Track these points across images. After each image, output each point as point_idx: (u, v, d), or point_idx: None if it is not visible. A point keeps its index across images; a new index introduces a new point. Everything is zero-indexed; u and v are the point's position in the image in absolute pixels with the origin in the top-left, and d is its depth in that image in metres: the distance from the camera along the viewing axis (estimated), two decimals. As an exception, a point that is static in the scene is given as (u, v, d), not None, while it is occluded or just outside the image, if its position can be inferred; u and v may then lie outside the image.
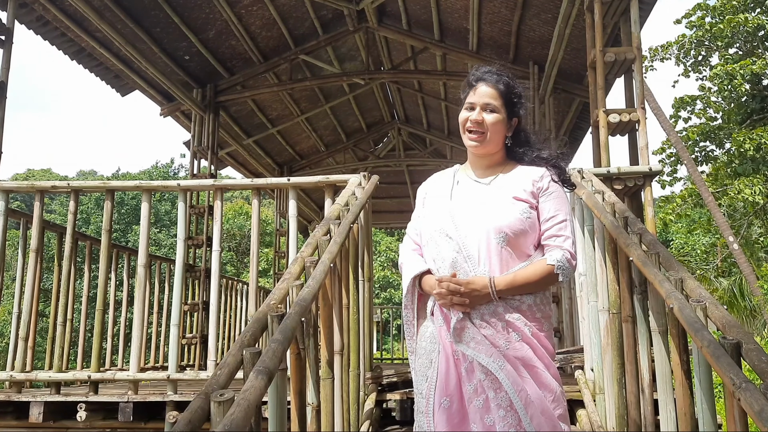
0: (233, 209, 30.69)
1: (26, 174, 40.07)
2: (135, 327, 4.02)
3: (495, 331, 1.97)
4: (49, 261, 8.08)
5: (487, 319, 1.98)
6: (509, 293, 2.00)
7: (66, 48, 7.09)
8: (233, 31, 7.93)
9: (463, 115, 2.18)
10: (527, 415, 1.88)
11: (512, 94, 2.19)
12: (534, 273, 2.02)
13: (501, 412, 1.89)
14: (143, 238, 4.10)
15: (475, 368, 1.95)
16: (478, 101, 2.15)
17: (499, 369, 1.92)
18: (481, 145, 2.16)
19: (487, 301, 1.99)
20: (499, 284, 1.98)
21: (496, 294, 1.97)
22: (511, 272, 2.02)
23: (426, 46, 8.77)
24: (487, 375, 1.93)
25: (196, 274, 7.63)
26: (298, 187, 4.17)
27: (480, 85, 2.17)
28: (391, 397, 3.79)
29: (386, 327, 19.82)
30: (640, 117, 4.67)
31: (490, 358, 1.93)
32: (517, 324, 1.99)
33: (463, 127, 2.18)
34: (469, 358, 1.96)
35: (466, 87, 2.23)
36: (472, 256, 2.04)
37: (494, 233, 2.04)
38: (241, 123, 10.18)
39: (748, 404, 1.45)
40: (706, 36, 17.38)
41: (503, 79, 2.19)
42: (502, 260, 2.03)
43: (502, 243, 2.03)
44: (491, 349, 1.95)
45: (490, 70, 2.21)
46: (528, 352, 1.97)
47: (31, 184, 4.23)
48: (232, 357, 1.69)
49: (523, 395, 1.90)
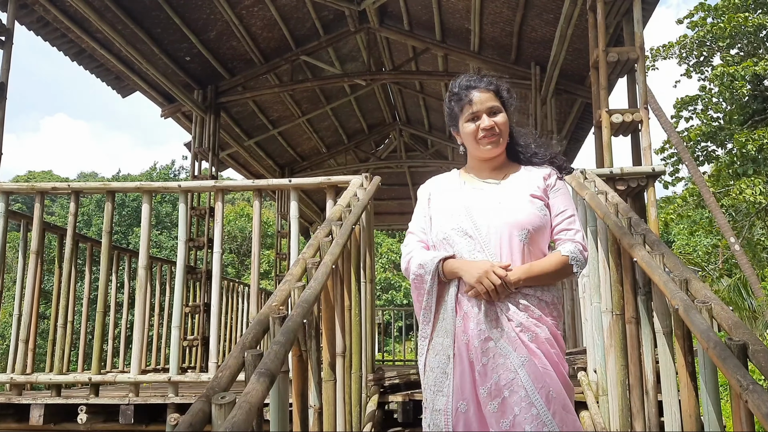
0: (234, 211, 30.70)
1: (27, 176, 40.12)
2: (136, 329, 4.01)
3: (521, 324, 1.98)
4: (49, 263, 8.08)
5: (513, 312, 1.99)
6: (527, 283, 2.01)
7: (66, 49, 7.08)
8: (234, 31, 7.93)
9: (470, 128, 2.15)
10: (549, 411, 1.87)
11: (504, 91, 2.21)
12: (549, 263, 2.05)
13: (517, 410, 1.87)
14: (144, 240, 4.09)
15: (488, 370, 1.93)
16: (481, 109, 2.14)
17: (521, 365, 1.91)
18: (499, 148, 2.16)
19: (508, 293, 2.00)
20: (516, 273, 2.00)
21: (512, 285, 1.99)
22: (527, 264, 2.04)
23: (427, 47, 8.76)
24: (500, 375, 1.91)
25: (198, 275, 7.61)
26: (300, 189, 4.16)
27: (473, 94, 2.15)
28: (393, 399, 3.77)
29: (387, 329, 19.80)
30: (643, 117, 4.65)
31: (515, 351, 1.93)
32: (542, 318, 2.01)
33: (474, 139, 2.15)
34: (483, 361, 1.95)
35: (457, 101, 2.18)
36: (494, 255, 2.04)
37: (517, 230, 2.05)
38: (242, 124, 10.17)
39: (756, 406, 1.43)
40: (708, 36, 17.36)
41: (491, 80, 2.20)
42: (524, 257, 2.05)
43: (524, 240, 2.06)
44: (517, 341, 1.95)
45: (474, 77, 2.21)
46: (550, 346, 1.98)
47: (31, 185, 4.21)
48: (234, 359, 1.68)
49: (544, 392, 1.89)
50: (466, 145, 2.23)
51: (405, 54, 9.71)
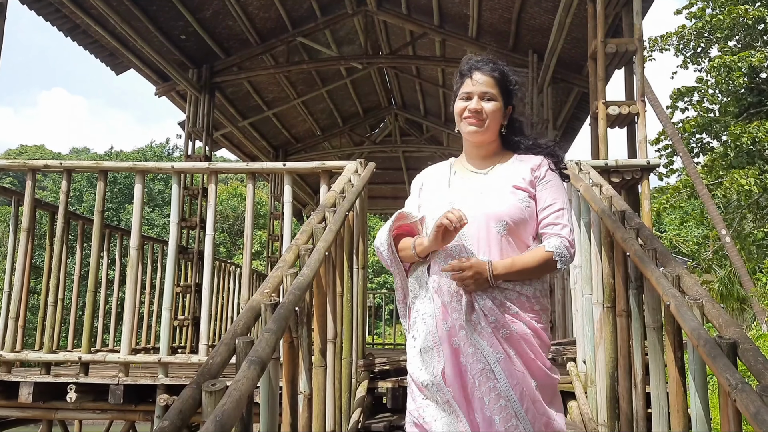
0: (227, 191, 30.64)
1: (19, 150, 39.87)
2: (127, 309, 4.00)
3: (496, 320, 1.96)
4: (41, 238, 8.03)
5: (489, 308, 1.97)
6: (507, 278, 1.99)
7: (60, 24, 7.00)
8: (230, 11, 7.84)
9: (460, 105, 2.15)
10: (522, 407, 1.88)
11: (508, 81, 2.17)
12: (532, 259, 2.01)
13: (502, 402, 1.88)
14: (136, 221, 4.07)
15: (471, 358, 1.94)
16: (475, 90, 2.12)
17: (497, 361, 1.91)
18: (480, 132, 2.13)
19: (486, 287, 1.98)
20: (497, 268, 1.97)
21: (493, 278, 1.96)
22: (510, 258, 2.01)
23: (425, 32, 8.71)
24: (484, 366, 1.91)
25: (189, 256, 7.59)
26: (294, 172, 4.14)
27: (475, 74, 2.14)
28: (383, 385, 3.78)
29: (378, 312, 19.86)
30: (640, 109, 4.64)
31: (491, 348, 1.93)
32: (518, 315, 1.99)
33: (460, 117, 2.15)
34: (465, 350, 1.95)
35: (460, 77, 2.19)
36: (471, 245, 2.03)
37: (494, 221, 2.03)
38: (237, 105, 10.10)
39: (744, 406, 1.44)
40: (706, 27, 17.33)
41: (498, 67, 2.17)
42: (502, 249, 2.02)
43: (502, 231, 2.03)
44: (492, 338, 1.94)
45: (484, 59, 2.18)
46: (525, 344, 1.96)
47: (22, 162, 4.18)
48: (225, 346, 1.67)
49: (518, 389, 1.90)
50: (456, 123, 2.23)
51: (402, 38, 9.65)
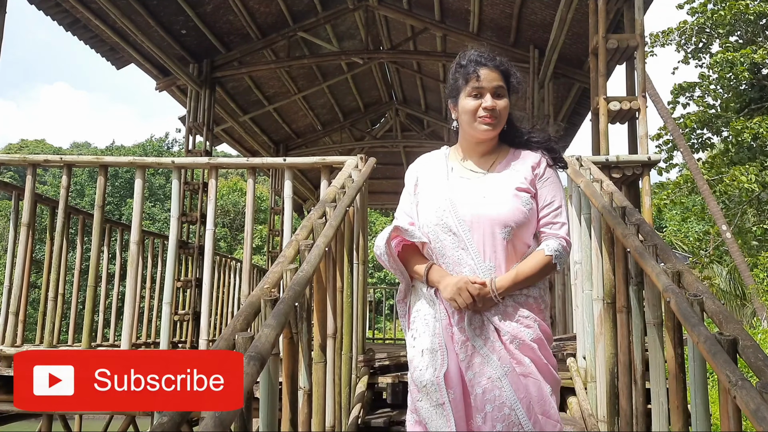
0: (228, 186, 30.63)
1: (20, 144, 39.82)
2: (127, 304, 4.00)
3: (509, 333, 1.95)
4: (41, 232, 8.03)
5: (500, 322, 1.96)
6: (512, 291, 1.98)
7: (61, 19, 6.98)
8: (231, 5, 7.82)
9: (471, 103, 2.05)
10: (529, 421, 1.87)
11: (511, 75, 2.12)
12: (534, 266, 2.00)
13: (506, 411, 1.87)
14: (136, 216, 4.07)
15: (478, 367, 1.93)
16: (486, 86, 2.04)
17: (504, 375, 1.90)
18: (493, 131, 2.08)
19: (493, 304, 1.97)
20: (501, 285, 1.96)
21: (498, 296, 1.96)
22: (513, 269, 2.00)
23: (426, 27, 8.68)
24: (491, 374, 1.90)
25: (190, 250, 7.59)
26: (295, 168, 4.13)
27: (482, 70, 2.05)
28: (383, 380, 3.78)
29: (379, 307, 19.86)
30: (641, 105, 4.63)
31: (499, 361, 1.92)
32: (527, 321, 1.98)
33: (473, 116, 2.06)
34: (473, 359, 1.94)
35: (462, 73, 2.09)
36: (477, 252, 2.00)
37: (500, 228, 2.00)
38: (238, 99, 10.09)
39: (744, 403, 1.44)
40: (708, 23, 17.26)
41: (501, 60, 2.11)
42: (507, 254, 2.01)
43: (507, 237, 2.01)
44: (502, 350, 1.93)
45: (486, 53, 2.10)
46: (539, 348, 1.96)
47: (23, 157, 4.17)
48: (224, 342, 1.67)
49: (526, 401, 1.89)
50: (461, 121, 2.12)
51: (403, 33, 9.63)
